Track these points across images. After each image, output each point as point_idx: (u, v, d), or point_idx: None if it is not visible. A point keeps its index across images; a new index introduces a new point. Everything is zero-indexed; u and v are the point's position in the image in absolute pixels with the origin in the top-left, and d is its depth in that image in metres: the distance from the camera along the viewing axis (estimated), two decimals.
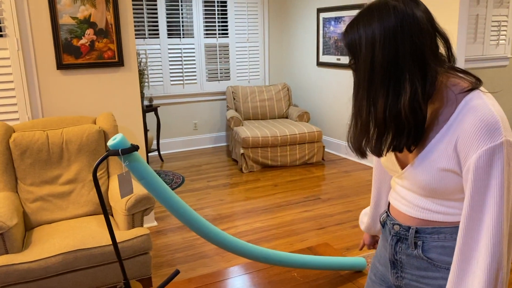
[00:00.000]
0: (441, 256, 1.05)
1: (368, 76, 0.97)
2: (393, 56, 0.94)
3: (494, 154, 0.90)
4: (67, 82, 3.04)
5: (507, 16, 4.87)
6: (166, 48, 5.53)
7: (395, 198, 1.16)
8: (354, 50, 0.99)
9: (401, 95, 0.95)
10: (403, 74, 0.95)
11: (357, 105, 1.01)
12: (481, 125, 0.91)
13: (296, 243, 3.18)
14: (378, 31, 0.95)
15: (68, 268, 2.18)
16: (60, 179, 2.67)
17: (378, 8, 0.96)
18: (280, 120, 5.47)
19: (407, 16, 0.94)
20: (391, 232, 1.16)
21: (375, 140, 1.01)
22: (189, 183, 4.51)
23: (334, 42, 5.28)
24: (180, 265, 2.91)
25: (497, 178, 0.90)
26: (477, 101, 0.94)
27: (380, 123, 0.98)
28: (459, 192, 1.00)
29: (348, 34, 1.00)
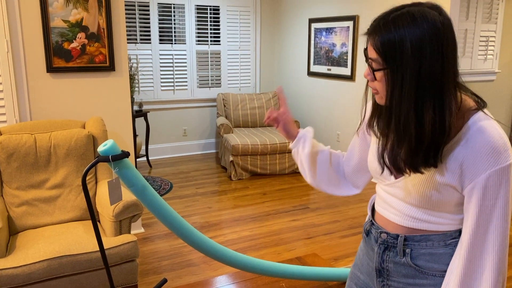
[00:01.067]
0: (429, 263, 1.07)
1: (415, 86, 0.93)
2: (440, 66, 0.92)
3: (503, 175, 0.93)
4: (57, 85, 3.01)
5: (495, 31, 4.96)
6: (158, 53, 5.52)
7: (383, 206, 1.16)
8: (392, 54, 0.93)
9: (445, 109, 0.94)
10: (447, 85, 0.94)
11: (402, 117, 0.95)
12: (492, 146, 0.93)
13: (284, 252, 3.17)
14: (428, 35, 0.91)
15: (52, 275, 2.15)
16: (47, 184, 2.63)
17: (420, 12, 0.93)
18: (270, 129, 5.47)
19: (449, 28, 0.94)
20: (377, 241, 1.16)
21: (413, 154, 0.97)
22: (177, 190, 4.48)
23: (325, 52, 5.32)
24: (167, 272, 2.88)
25: (503, 198, 0.94)
26: (486, 121, 0.96)
27: (426, 137, 0.94)
28: (452, 205, 1.02)
29: (383, 35, 0.94)
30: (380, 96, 1.03)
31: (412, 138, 0.95)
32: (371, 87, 1.05)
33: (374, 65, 0.98)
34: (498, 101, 5.27)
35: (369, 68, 1.01)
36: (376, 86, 1.02)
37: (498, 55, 5.07)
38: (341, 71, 5.09)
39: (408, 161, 0.98)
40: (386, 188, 1.14)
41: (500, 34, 5.00)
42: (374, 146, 1.17)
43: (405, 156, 0.98)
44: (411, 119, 0.94)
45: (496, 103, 5.26)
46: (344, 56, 5.02)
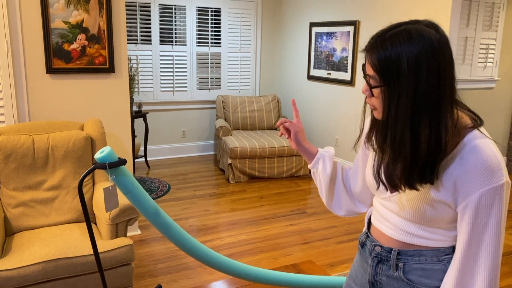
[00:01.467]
0: (421, 278, 1.07)
1: (412, 103, 0.93)
2: (437, 83, 0.93)
3: (495, 194, 0.94)
4: (56, 86, 3.01)
5: (495, 39, 4.97)
6: (158, 54, 5.52)
7: (378, 219, 1.17)
8: (389, 72, 0.94)
9: (441, 126, 0.94)
10: (443, 103, 0.94)
11: (397, 134, 0.96)
12: (485, 166, 0.94)
13: (280, 257, 3.17)
14: (425, 53, 0.91)
15: (48, 277, 2.14)
16: (44, 185, 2.63)
17: (416, 30, 0.93)
18: (268, 132, 5.48)
19: (446, 45, 0.95)
20: (371, 253, 1.17)
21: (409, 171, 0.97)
22: (175, 192, 4.48)
23: (326, 56, 5.32)
24: (162, 276, 2.88)
25: (496, 217, 0.95)
26: (481, 140, 0.97)
27: (422, 155, 0.94)
28: (446, 221, 1.03)
29: (380, 52, 0.95)
30: (378, 112, 1.04)
31: (407, 155, 0.95)
32: (368, 103, 1.06)
33: (372, 81, 0.99)
34: (497, 109, 5.28)
35: (367, 85, 1.02)
36: (373, 102, 1.03)
37: (498, 63, 5.08)
38: (341, 76, 5.09)
39: (403, 178, 0.98)
40: (382, 202, 1.15)
41: (500, 42, 5.01)
42: (372, 161, 1.17)
43: (401, 173, 0.98)
44: (407, 136, 0.94)
45: (495, 111, 5.27)
46: (344, 60, 5.03)
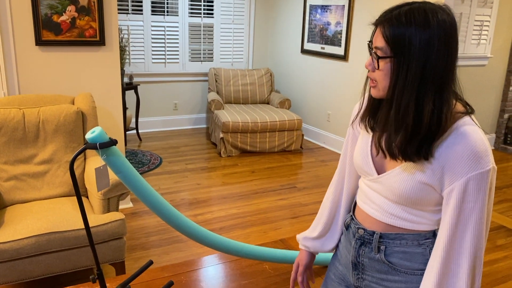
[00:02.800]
0: (402, 261, 1.11)
1: (419, 78, 0.96)
2: (445, 62, 0.96)
3: (482, 180, 0.96)
4: (46, 59, 2.97)
5: (490, 16, 4.95)
6: (149, 25, 5.43)
7: (364, 201, 1.19)
8: (401, 45, 0.96)
9: (443, 104, 0.98)
10: (447, 83, 0.98)
11: (402, 106, 0.98)
12: (473, 151, 0.96)
13: (269, 231, 3.23)
14: (437, 32, 0.94)
15: (40, 251, 2.18)
16: (35, 159, 2.63)
17: (431, 10, 0.96)
18: (261, 106, 5.47)
19: (456, 29, 0.98)
20: (355, 236, 1.20)
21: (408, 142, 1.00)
22: (166, 165, 4.51)
23: (320, 30, 5.27)
24: (154, 248, 2.94)
25: (482, 201, 0.97)
26: (470, 127, 0.99)
27: (423, 128, 0.98)
28: (430, 205, 1.06)
29: (394, 25, 0.96)
30: (377, 88, 1.05)
31: (409, 127, 0.98)
32: (370, 77, 1.07)
33: (380, 53, 1.00)
34: (488, 86, 5.31)
35: (373, 57, 1.02)
36: (376, 76, 1.03)
37: (491, 40, 5.07)
38: (334, 50, 5.07)
39: (402, 148, 1.01)
40: (368, 183, 1.17)
41: (494, 19, 4.98)
42: (361, 141, 1.19)
43: (400, 143, 1.01)
44: (411, 109, 0.97)
45: (486, 88, 5.30)
46: (338, 35, 4.99)
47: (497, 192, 4.16)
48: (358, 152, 1.19)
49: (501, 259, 2.98)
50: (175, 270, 1.97)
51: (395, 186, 1.07)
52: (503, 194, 4.12)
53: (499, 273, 2.81)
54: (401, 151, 1.01)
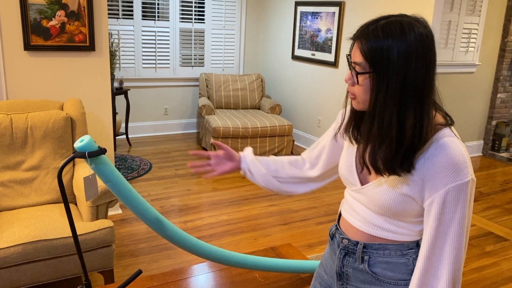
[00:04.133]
0: (385, 271, 1.12)
1: (400, 92, 0.96)
2: (424, 74, 0.97)
3: (461, 191, 0.97)
4: (35, 64, 2.94)
5: (478, 24, 5.01)
6: (140, 30, 5.41)
7: (348, 211, 1.20)
8: (379, 60, 0.96)
9: (424, 116, 0.98)
10: (427, 95, 0.99)
11: (385, 121, 0.98)
12: (452, 163, 0.97)
13: (260, 238, 3.22)
14: (415, 45, 0.94)
15: (27, 259, 2.15)
16: (23, 165, 2.60)
17: (408, 23, 0.96)
18: (252, 111, 5.47)
19: (433, 41, 0.98)
20: (339, 246, 1.21)
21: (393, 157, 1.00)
22: (156, 170, 4.48)
23: (310, 37, 5.30)
24: (143, 256, 2.91)
25: (461, 212, 0.98)
26: (450, 138, 1.00)
27: (406, 141, 0.98)
28: (412, 216, 1.06)
29: (372, 40, 0.96)
30: (357, 101, 1.05)
31: (393, 141, 0.98)
32: (350, 91, 1.07)
33: (358, 68, 1.00)
34: (477, 93, 5.37)
35: (352, 72, 1.02)
36: (355, 91, 1.04)
37: (479, 48, 5.13)
38: (325, 57, 5.09)
39: (387, 162, 1.01)
40: (352, 194, 1.18)
41: (482, 27, 5.05)
42: (346, 153, 1.20)
43: (385, 158, 1.01)
44: (393, 123, 0.97)
45: (475, 95, 5.36)
46: (329, 42, 5.01)
47: (485, 199, 4.19)
48: (343, 163, 1.20)
49: (490, 265, 3.00)
50: (165, 279, 1.95)
51: (376, 197, 1.08)
52: (491, 200, 4.16)
53: (488, 279, 2.82)
54: (386, 165, 1.01)
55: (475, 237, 3.40)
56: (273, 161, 1.41)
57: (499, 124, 5.52)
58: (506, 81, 5.46)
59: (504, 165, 5.30)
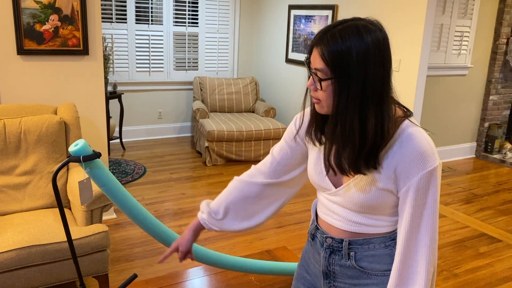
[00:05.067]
0: (371, 264, 1.15)
1: (360, 95, 0.99)
2: (382, 76, 1.01)
3: (431, 176, 1.03)
4: (28, 68, 2.93)
5: (470, 27, 5.05)
6: (134, 34, 5.41)
7: (325, 213, 1.21)
8: (340, 64, 0.98)
9: (384, 115, 1.02)
10: (386, 94, 1.03)
11: (347, 124, 1.01)
12: (420, 152, 1.02)
13: (255, 241, 3.22)
14: (372, 47, 0.98)
15: (21, 264, 2.13)
16: (16, 170, 2.58)
17: (363, 26, 0.99)
18: (246, 114, 5.48)
19: (388, 43, 1.02)
20: (323, 245, 1.21)
21: (357, 157, 1.03)
22: (150, 174, 4.47)
23: (304, 40, 5.32)
24: (138, 260, 2.90)
25: (433, 195, 1.04)
26: (414, 128, 1.05)
27: (369, 142, 1.01)
28: (389, 207, 1.11)
29: (331, 45, 0.98)
30: (321, 105, 1.07)
31: (356, 142, 1.02)
32: (313, 97, 1.09)
33: (320, 74, 1.02)
34: (469, 96, 5.41)
35: (314, 78, 1.04)
36: (319, 96, 1.06)
37: (471, 50, 5.18)
38: None
39: (351, 163, 1.05)
40: (327, 197, 1.20)
41: (474, 30, 5.10)
42: (313, 157, 1.20)
43: (349, 159, 1.05)
44: (356, 126, 1.01)
45: (467, 97, 5.40)
46: None
47: (479, 200, 4.22)
48: (312, 169, 1.21)
49: (484, 266, 3.01)
50: (160, 283, 1.94)
51: (354, 197, 1.10)
52: (484, 202, 4.18)
53: (482, 280, 2.84)
54: (351, 166, 1.05)
55: (469, 238, 3.42)
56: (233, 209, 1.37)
57: (492, 126, 5.57)
58: (498, 83, 5.51)
59: (496, 166, 5.34)
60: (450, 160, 5.45)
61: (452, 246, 3.29)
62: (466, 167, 5.25)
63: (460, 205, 4.08)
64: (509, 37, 5.36)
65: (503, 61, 5.43)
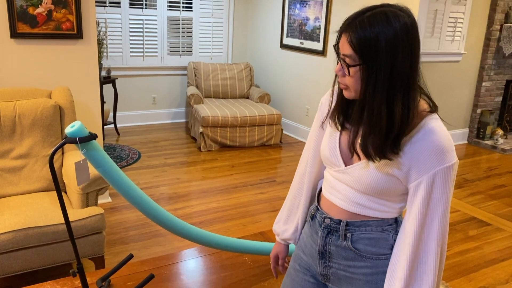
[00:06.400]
0: (367, 247, 1.17)
1: (388, 81, 1.00)
2: (410, 62, 1.01)
3: (448, 173, 1.04)
4: (22, 52, 2.92)
5: (464, 13, 5.07)
6: (127, 18, 5.37)
7: (329, 191, 1.23)
8: (368, 50, 1.00)
9: (410, 102, 1.03)
10: (413, 81, 1.03)
11: (375, 110, 1.02)
12: (439, 147, 1.03)
13: (249, 224, 3.27)
14: (400, 34, 0.98)
15: (18, 246, 2.16)
16: (11, 153, 2.59)
17: (393, 13, 1.00)
18: (240, 100, 5.49)
19: (417, 29, 1.03)
20: (321, 225, 1.24)
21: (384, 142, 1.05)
22: (145, 159, 4.49)
23: (299, 25, 5.31)
24: (133, 243, 2.94)
25: (447, 192, 1.05)
26: (437, 123, 1.06)
27: (395, 127, 1.03)
28: (395, 195, 1.12)
29: (359, 31, 1.00)
30: (349, 91, 1.09)
31: (383, 128, 1.03)
32: (340, 82, 1.10)
33: (348, 61, 1.04)
34: (462, 82, 5.45)
35: (343, 64, 1.06)
36: (347, 81, 1.07)
37: (465, 37, 5.20)
38: (313, 46, 5.11)
39: (378, 149, 1.05)
40: (335, 174, 1.21)
41: (468, 16, 5.11)
42: (329, 136, 1.23)
43: (375, 144, 1.05)
44: (383, 111, 1.02)
45: (460, 84, 5.43)
46: (317, 30, 5.03)
47: (470, 185, 4.29)
48: (326, 144, 1.23)
49: (473, 249, 3.08)
50: (155, 264, 1.98)
51: (363, 177, 1.12)
52: (475, 186, 4.25)
53: (471, 262, 2.91)
54: (377, 152, 1.06)
55: (459, 222, 3.49)
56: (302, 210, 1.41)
57: (484, 112, 5.62)
58: (491, 69, 5.55)
59: (488, 152, 5.40)
60: None
61: None
62: (458, 153, 5.31)
63: None
64: (503, 24, 5.39)
65: (496, 47, 5.46)
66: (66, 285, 1.77)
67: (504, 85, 5.77)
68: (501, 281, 2.71)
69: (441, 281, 2.64)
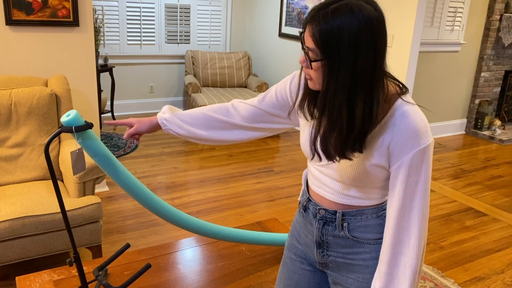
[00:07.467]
0: (364, 234, 1.18)
1: (350, 78, 0.96)
2: (373, 59, 0.97)
3: (424, 154, 1.04)
4: (17, 39, 2.88)
5: (463, 3, 5.03)
6: (124, 5, 5.31)
7: (317, 185, 1.23)
8: (330, 45, 0.95)
9: (373, 101, 1.00)
10: (377, 79, 0.99)
11: (335, 109, 1.00)
12: (414, 129, 1.03)
13: (246, 214, 3.27)
14: (364, 29, 0.93)
15: (15, 235, 2.15)
16: (7, 142, 2.58)
17: (357, 6, 0.94)
18: (238, 89, 5.46)
19: (383, 23, 0.98)
20: (316, 216, 1.24)
21: (343, 142, 1.03)
22: (143, 149, 4.47)
23: (298, 14, 5.27)
24: (131, 232, 2.94)
25: (426, 173, 1.06)
26: (409, 106, 1.05)
27: (356, 127, 1.00)
28: (381, 181, 1.13)
29: (322, 25, 0.95)
30: (313, 82, 1.06)
31: (343, 128, 1.01)
32: (305, 73, 1.08)
33: (311, 54, 1.00)
34: (461, 72, 5.43)
35: (306, 57, 1.02)
36: (310, 73, 1.04)
37: (464, 27, 5.17)
38: None
39: (338, 148, 1.04)
40: (319, 168, 1.21)
41: (468, 6, 5.07)
42: (306, 130, 1.20)
43: (335, 144, 1.04)
44: (344, 110, 0.99)
45: (459, 73, 5.42)
46: None
47: (467, 175, 4.30)
48: (305, 138, 1.20)
49: (469, 239, 3.10)
50: (152, 253, 1.98)
51: (347, 171, 1.12)
52: (472, 177, 4.26)
53: (467, 252, 2.92)
54: (337, 151, 1.05)
55: (456, 212, 3.50)
56: (194, 114, 1.37)
57: (482, 102, 5.61)
58: (490, 60, 5.53)
59: (486, 143, 5.41)
60: (440, 136, 5.51)
61: (439, 219, 3.36)
62: (456, 143, 5.32)
63: (448, 180, 4.15)
64: (502, 14, 5.35)
65: (496, 37, 5.43)
66: (63, 274, 1.77)
67: (502, 75, 5.76)
68: (497, 271, 2.73)
69: (438, 271, 2.65)
